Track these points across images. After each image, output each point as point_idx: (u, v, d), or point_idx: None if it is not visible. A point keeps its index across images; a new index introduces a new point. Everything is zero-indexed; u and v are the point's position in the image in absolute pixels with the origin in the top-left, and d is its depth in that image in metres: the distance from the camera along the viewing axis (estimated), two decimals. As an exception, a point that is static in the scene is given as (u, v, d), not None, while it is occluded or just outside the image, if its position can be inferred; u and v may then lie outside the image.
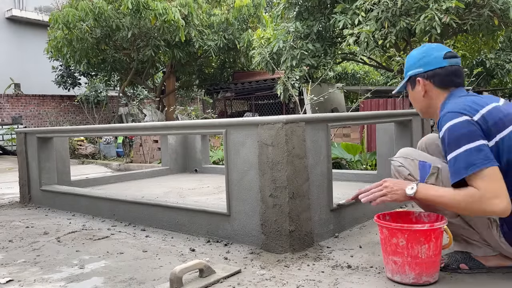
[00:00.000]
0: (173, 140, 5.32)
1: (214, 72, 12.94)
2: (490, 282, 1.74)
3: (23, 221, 3.26)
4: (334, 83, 10.18)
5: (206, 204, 2.78)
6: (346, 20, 6.08)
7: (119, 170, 7.99)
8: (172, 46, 10.17)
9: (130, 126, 3.58)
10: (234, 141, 2.39)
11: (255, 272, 1.95)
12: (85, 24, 9.18)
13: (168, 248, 2.40)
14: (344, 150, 5.13)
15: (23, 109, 14.14)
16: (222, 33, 10.28)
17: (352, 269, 1.94)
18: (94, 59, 10.73)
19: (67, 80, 13.96)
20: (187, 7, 9.41)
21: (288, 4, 7.23)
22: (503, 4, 5.42)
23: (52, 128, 3.92)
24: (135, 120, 12.29)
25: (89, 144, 10.67)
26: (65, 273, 2.05)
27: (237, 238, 2.41)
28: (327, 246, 2.30)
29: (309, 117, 2.36)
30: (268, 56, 7.22)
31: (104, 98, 13.49)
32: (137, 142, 8.58)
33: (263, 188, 2.25)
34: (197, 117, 8.48)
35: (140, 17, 9.16)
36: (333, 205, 2.47)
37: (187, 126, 2.81)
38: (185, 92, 14.21)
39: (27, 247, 2.53)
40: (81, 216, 3.36)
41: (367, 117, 3.01)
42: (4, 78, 14.53)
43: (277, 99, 10.30)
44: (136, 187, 4.37)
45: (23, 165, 4.02)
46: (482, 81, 10.14)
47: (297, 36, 6.94)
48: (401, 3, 5.49)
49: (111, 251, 2.38)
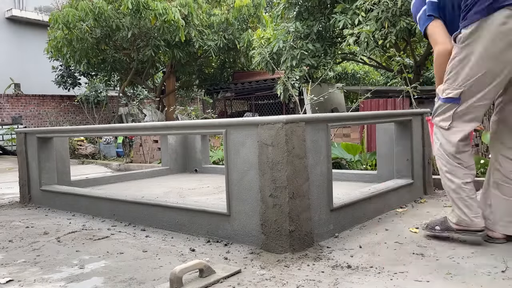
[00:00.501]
0: (173, 140, 5.32)
1: (214, 72, 12.94)
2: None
3: (23, 221, 3.26)
4: (334, 83, 10.17)
5: (206, 204, 2.78)
6: (346, 20, 6.08)
7: (119, 170, 7.99)
8: (172, 46, 10.17)
9: (130, 126, 3.59)
10: (234, 141, 2.39)
11: (255, 272, 1.95)
12: (85, 24, 9.18)
13: (168, 248, 2.40)
14: (344, 150, 5.12)
15: (23, 109, 14.14)
16: (222, 33, 10.28)
17: (352, 269, 1.93)
18: (94, 59, 10.73)
19: (67, 80, 13.96)
20: (187, 7, 9.41)
21: (288, 4, 7.23)
22: (503, 4, 5.41)
23: (52, 128, 3.92)
24: (135, 120, 12.29)
25: (89, 144, 10.66)
26: (65, 273, 2.05)
27: (237, 238, 2.41)
28: (327, 246, 2.30)
29: (309, 117, 2.36)
30: (268, 56, 7.22)
31: (104, 98, 13.49)
32: (137, 142, 8.58)
33: (263, 188, 2.24)
34: (197, 117, 8.48)
35: (140, 17, 9.16)
36: (333, 205, 2.47)
37: (187, 126, 2.81)
38: (185, 92, 14.21)
39: (27, 247, 2.53)
40: (81, 216, 3.36)
41: (367, 117, 3.01)
42: (4, 78, 14.53)
43: (277, 99, 10.29)
44: (136, 187, 4.37)
45: (23, 165, 4.02)
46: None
47: (297, 36, 6.94)
48: (401, 3, 5.49)
49: (111, 251, 2.38)
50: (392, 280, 1.78)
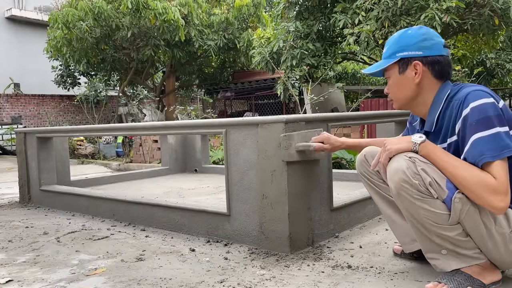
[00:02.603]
0: (173, 140, 5.31)
1: (214, 71, 12.94)
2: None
3: (22, 221, 3.26)
4: (334, 83, 10.17)
5: (206, 204, 2.77)
6: (346, 19, 6.08)
7: (118, 170, 7.98)
8: (172, 46, 10.16)
9: (130, 126, 3.58)
10: (234, 141, 2.39)
11: (255, 272, 1.94)
12: (85, 23, 9.18)
13: (168, 248, 2.39)
14: (344, 150, 5.12)
15: (22, 109, 14.13)
16: (222, 33, 10.28)
17: (352, 269, 1.93)
18: (93, 59, 10.73)
19: (67, 80, 13.95)
20: (187, 6, 9.41)
21: (288, 4, 7.23)
22: (504, 3, 5.42)
23: (51, 128, 3.91)
24: (134, 119, 12.29)
25: (89, 144, 10.66)
26: (65, 273, 2.04)
27: (237, 238, 2.40)
28: (327, 246, 2.29)
29: (309, 117, 2.36)
30: (268, 56, 7.21)
31: (104, 98, 13.48)
32: (136, 142, 8.57)
33: (263, 188, 2.24)
34: (197, 117, 8.47)
35: (140, 17, 9.15)
36: (333, 205, 2.47)
37: (187, 126, 2.81)
38: (185, 92, 14.21)
39: (27, 247, 2.53)
40: (81, 216, 3.35)
41: (367, 117, 3.00)
42: (3, 78, 14.52)
43: (277, 99, 10.29)
44: (135, 187, 4.36)
45: (22, 165, 4.02)
46: (482, 80, 10.13)
47: (297, 36, 6.93)
48: (402, 3, 5.49)
49: (111, 251, 2.37)
50: (392, 280, 1.78)
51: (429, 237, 1.62)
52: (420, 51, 1.64)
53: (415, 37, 1.66)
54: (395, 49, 1.70)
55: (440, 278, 1.64)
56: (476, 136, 1.46)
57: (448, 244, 1.60)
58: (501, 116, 1.48)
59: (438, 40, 1.67)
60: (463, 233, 1.57)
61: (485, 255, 1.59)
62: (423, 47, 1.64)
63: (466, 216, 1.53)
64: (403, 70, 1.68)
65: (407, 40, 1.68)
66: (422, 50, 1.64)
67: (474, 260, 1.60)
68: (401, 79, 1.69)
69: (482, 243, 1.57)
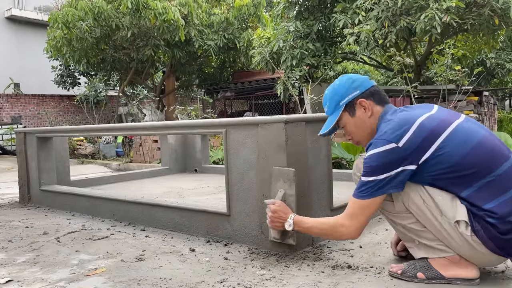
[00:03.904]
0: (173, 140, 5.31)
1: (214, 71, 12.93)
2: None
3: (22, 221, 3.26)
4: (334, 83, 10.15)
5: (206, 204, 2.77)
6: (346, 19, 6.08)
7: (118, 170, 7.98)
8: (172, 46, 10.16)
9: (130, 126, 3.58)
10: (234, 141, 2.39)
11: (255, 272, 1.94)
12: (85, 23, 9.18)
13: (168, 248, 2.39)
14: (344, 150, 5.12)
15: (22, 109, 14.13)
16: (222, 33, 10.28)
17: (352, 269, 1.93)
18: (93, 59, 10.72)
19: (67, 80, 13.95)
20: (187, 6, 9.41)
21: (288, 4, 7.24)
22: (504, 3, 5.42)
23: (51, 128, 3.91)
24: (134, 119, 12.29)
25: (89, 144, 10.66)
26: (65, 273, 2.04)
27: (237, 238, 2.40)
28: (327, 246, 2.29)
29: (309, 117, 2.36)
30: (268, 56, 7.21)
31: (104, 98, 13.48)
32: (136, 142, 8.58)
33: (263, 188, 2.24)
34: (197, 116, 8.47)
35: (140, 17, 9.15)
36: (333, 205, 2.47)
37: (187, 126, 2.81)
38: (185, 92, 14.21)
39: (27, 247, 2.52)
40: (81, 216, 3.35)
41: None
42: (3, 78, 14.51)
43: (277, 99, 10.29)
44: (135, 187, 4.36)
45: (22, 165, 4.02)
46: (482, 80, 10.14)
47: (297, 36, 6.94)
48: (402, 3, 5.49)
49: (111, 251, 2.37)
50: (392, 280, 1.78)
51: (396, 227, 1.82)
52: (356, 90, 1.83)
53: (345, 84, 1.85)
54: (336, 101, 1.86)
55: (405, 262, 1.82)
56: (362, 178, 1.76)
57: (412, 235, 1.74)
58: (392, 162, 1.64)
59: (363, 77, 1.87)
60: (419, 224, 1.70)
61: (451, 248, 1.67)
62: (357, 87, 1.83)
63: (410, 204, 1.69)
64: (353, 113, 1.84)
65: (340, 89, 1.86)
66: (357, 89, 1.83)
67: (441, 252, 1.68)
68: (356, 121, 1.84)
69: (438, 234, 1.66)
